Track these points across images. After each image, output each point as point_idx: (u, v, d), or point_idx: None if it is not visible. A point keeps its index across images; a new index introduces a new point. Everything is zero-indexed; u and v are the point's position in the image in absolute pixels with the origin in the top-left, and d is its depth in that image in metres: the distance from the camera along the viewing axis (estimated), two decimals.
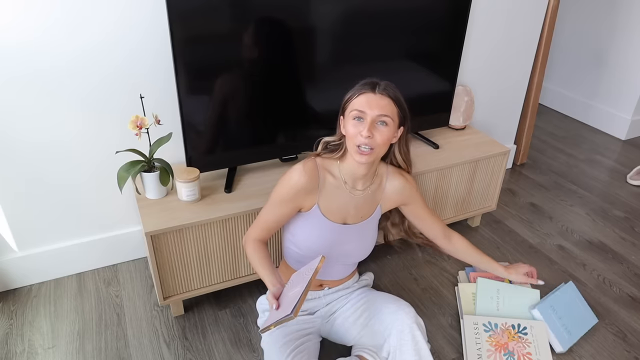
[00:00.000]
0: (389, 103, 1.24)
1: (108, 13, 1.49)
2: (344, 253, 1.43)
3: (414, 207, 1.48)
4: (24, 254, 1.74)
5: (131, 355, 1.53)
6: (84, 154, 1.67)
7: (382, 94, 1.24)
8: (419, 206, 1.49)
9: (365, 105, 1.23)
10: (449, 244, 1.56)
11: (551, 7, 2.31)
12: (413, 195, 1.46)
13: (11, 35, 1.42)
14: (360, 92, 1.25)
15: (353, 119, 1.25)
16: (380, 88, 1.25)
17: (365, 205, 1.40)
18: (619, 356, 1.58)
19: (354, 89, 1.28)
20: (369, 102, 1.23)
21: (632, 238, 2.16)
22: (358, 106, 1.23)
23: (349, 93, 1.28)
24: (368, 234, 1.45)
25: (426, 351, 1.29)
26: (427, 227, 1.54)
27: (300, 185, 1.30)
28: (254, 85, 1.59)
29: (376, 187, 1.40)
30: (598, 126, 3.24)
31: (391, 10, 1.69)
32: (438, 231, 1.54)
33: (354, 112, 1.24)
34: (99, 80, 1.57)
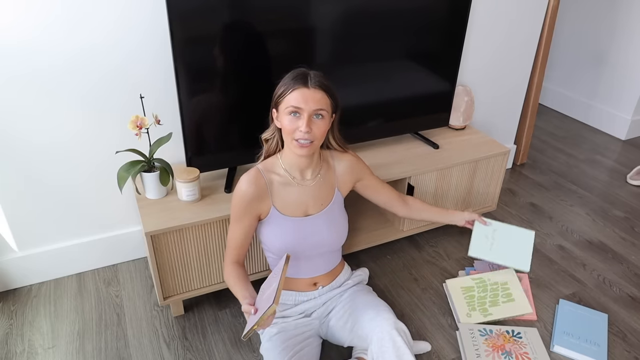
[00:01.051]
0: (323, 96, 1.26)
1: (108, 13, 1.49)
2: (318, 243, 1.42)
3: (367, 181, 1.52)
4: (24, 254, 1.74)
5: (131, 355, 1.53)
6: (83, 153, 1.67)
7: (315, 88, 1.25)
8: (371, 178, 1.53)
9: (301, 101, 1.24)
10: (406, 207, 1.61)
11: (551, 7, 2.31)
12: (363, 169, 1.50)
13: (12, 35, 1.42)
14: (294, 87, 1.25)
15: (289, 115, 1.26)
16: (313, 81, 1.25)
17: (321, 193, 1.42)
18: (619, 356, 1.58)
19: (285, 82, 1.27)
20: (305, 97, 1.24)
21: (632, 238, 2.16)
22: (293, 102, 1.24)
23: (281, 87, 1.28)
24: (336, 219, 1.45)
25: (409, 356, 1.26)
26: (383, 197, 1.58)
27: (249, 195, 1.33)
28: (254, 85, 1.59)
29: (325, 172, 1.42)
30: (598, 126, 3.24)
31: (391, 10, 1.68)
32: (394, 197, 1.59)
33: (290, 108, 1.25)
34: (98, 79, 1.57)
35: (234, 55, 1.51)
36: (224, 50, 1.49)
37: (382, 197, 1.58)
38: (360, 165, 1.50)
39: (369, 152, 1.92)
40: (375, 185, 1.55)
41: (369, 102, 1.83)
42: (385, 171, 1.79)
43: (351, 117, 1.82)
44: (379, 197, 1.58)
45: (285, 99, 1.27)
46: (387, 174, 1.77)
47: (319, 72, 1.29)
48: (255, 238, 1.58)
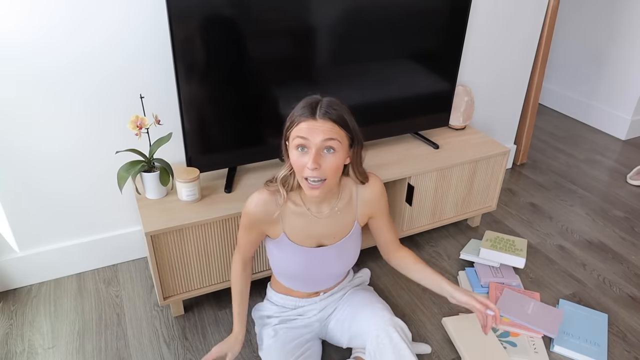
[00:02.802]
0: (332, 127, 1.10)
1: (111, 14, 1.49)
2: (326, 272, 1.37)
3: (378, 220, 1.38)
4: (24, 254, 1.74)
5: (131, 355, 1.53)
6: (83, 154, 1.67)
7: (324, 119, 1.10)
8: (383, 217, 1.37)
9: (307, 132, 1.09)
10: (397, 257, 1.42)
11: (551, 7, 2.31)
12: (380, 208, 1.35)
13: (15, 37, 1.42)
14: (300, 119, 1.11)
15: (296, 149, 1.12)
16: (321, 112, 1.10)
17: (338, 226, 1.30)
18: (619, 356, 1.58)
19: (292, 113, 1.14)
20: (310, 129, 1.09)
21: (632, 238, 2.16)
22: (300, 134, 1.10)
23: (289, 119, 1.15)
24: (349, 250, 1.36)
25: (407, 351, 1.23)
26: (383, 238, 1.42)
27: (256, 217, 1.26)
28: (254, 85, 1.59)
29: (345, 204, 1.29)
30: (598, 126, 3.24)
31: (391, 10, 1.69)
32: (392, 241, 1.41)
33: (297, 141, 1.11)
34: (100, 81, 1.57)
35: (234, 55, 1.51)
36: (224, 50, 1.49)
37: (382, 238, 1.42)
38: (379, 203, 1.34)
39: (369, 152, 1.92)
40: (382, 226, 1.39)
41: (369, 102, 1.83)
42: (385, 171, 1.79)
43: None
44: (379, 236, 1.42)
45: (292, 131, 1.13)
46: (387, 174, 1.77)
47: (333, 100, 1.14)
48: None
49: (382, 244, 1.43)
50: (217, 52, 1.49)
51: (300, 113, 1.12)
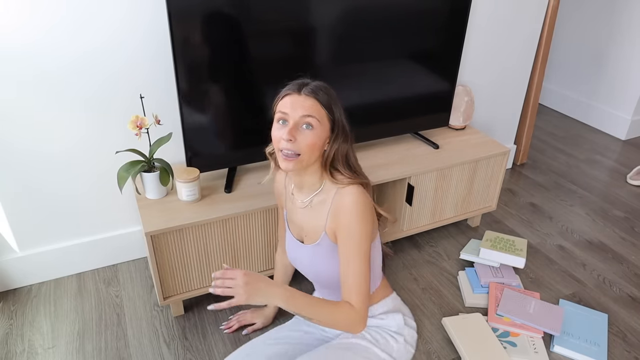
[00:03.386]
0: (314, 104, 1.10)
1: (110, 15, 1.49)
2: (309, 273, 1.31)
3: (339, 243, 1.15)
4: (24, 254, 1.74)
5: (131, 355, 1.53)
6: (84, 154, 1.67)
7: (308, 95, 1.10)
8: (342, 246, 1.14)
9: (289, 106, 1.10)
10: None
11: (551, 7, 2.31)
12: (343, 227, 1.12)
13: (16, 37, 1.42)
14: (286, 93, 1.12)
15: (277, 122, 1.12)
16: (307, 89, 1.11)
17: (310, 224, 1.23)
18: (619, 356, 1.58)
19: (281, 90, 1.15)
20: (292, 103, 1.10)
21: (632, 238, 2.16)
22: (281, 108, 1.11)
23: (277, 96, 1.15)
24: (318, 263, 1.23)
25: None
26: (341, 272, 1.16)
27: (275, 190, 1.38)
28: (254, 84, 1.59)
29: (320, 202, 1.19)
30: (598, 126, 3.24)
31: (391, 10, 1.69)
32: (342, 285, 1.15)
33: (278, 115, 1.12)
34: (101, 80, 1.57)
35: (234, 55, 1.51)
36: (224, 50, 1.49)
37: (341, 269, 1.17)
38: (345, 220, 1.11)
39: (369, 152, 1.92)
40: (340, 254, 1.15)
41: (369, 102, 1.83)
42: (385, 171, 1.79)
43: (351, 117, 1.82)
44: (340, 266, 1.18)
45: (277, 106, 1.14)
46: (387, 174, 1.77)
47: (322, 84, 1.14)
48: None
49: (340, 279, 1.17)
50: (217, 52, 1.49)
51: (286, 88, 1.13)
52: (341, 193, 1.14)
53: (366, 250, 1.12)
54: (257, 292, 1.03)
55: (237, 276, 1.03)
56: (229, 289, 1.02)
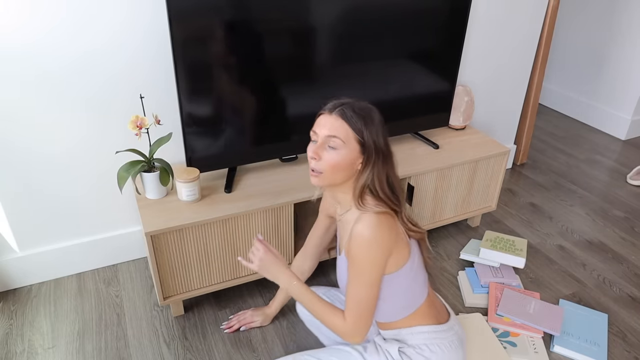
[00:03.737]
0: (342, 125, 1.10)
1: (111, 16, 1.49)
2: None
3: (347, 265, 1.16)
4: (24, 254, 1.74)
5: (131, 355, 1.53)
6: (84, 154, 1.67)
7: (337, 116, 1.10)
8: (349, 265, 1.15)
9: (317, 125, 1.13)
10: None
11: (551, 7, 2.31)
12: (350, 251, 1.12)
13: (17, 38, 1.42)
14: (321, 112, 1.15)
15: (311, 140, 1.16)
16: (339, 110, 1.11)
17: (341, 237, 1.25)
18: (619, 356, 1.58)
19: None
20: (322, 122, 1.12)
21: (632, 238, 2.16)
22: (315, 126, 1.14)
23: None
24: (340, 272, 1.26)
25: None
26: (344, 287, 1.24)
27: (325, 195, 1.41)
28: (254, 85, 1.59)
29: (347, 222, 1.20)
30: (598, 126, 3.24)
31: (391, 10, 1.69)
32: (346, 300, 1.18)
33: (311, 132, 1.15)
34: (102, 80, 1.57)
35: (234, 55, 1.51)
36: (223, 50, 1.49)
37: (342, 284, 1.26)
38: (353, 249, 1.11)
39: None
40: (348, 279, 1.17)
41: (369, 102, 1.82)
42: None
43: None
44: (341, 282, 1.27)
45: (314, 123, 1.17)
46: None
47: (361, 104, 1.14)
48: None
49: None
50: (217, 52, 1.49)
51: (324, 107, 1.15)
52: (360, 219, 1.12)
53: (368, 279, 1.12)
54: (267, 268, 1.23)
55: (260, 250, 1.23)
56: (252, 255, 1.24)
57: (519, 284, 1.82)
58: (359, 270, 1.12)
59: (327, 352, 1.28)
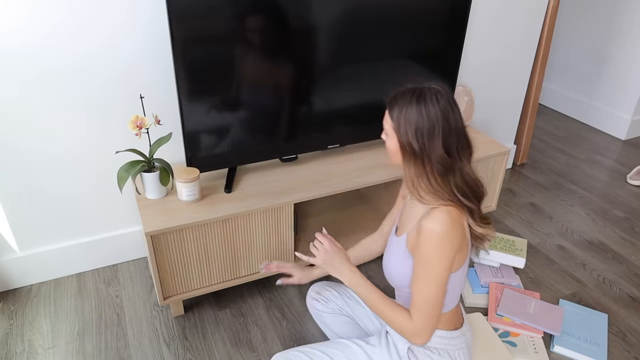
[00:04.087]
0: (387, 116, 1.12)
1: (111, 16, 1.49)
2: (383, 266, 1.29)
3: (413, 262, 1.13)
4: (24, 254, 1.74)
5: (131, 355, 1.53)
6: (84, 154, 1.67)
7: (388, 105, 1.11)
8: (415, 262, 1.12)
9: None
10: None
11: (551, 7, 2.31)
12: (419, 249, 1.09)
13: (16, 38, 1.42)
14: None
15: None
16: (389, 99, 1.11)
17: (405, 219, 1.21)
18: (619, 356, 1.58)
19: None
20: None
21: (632, 238, 2.16)
22: None
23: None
24: (391, 253, 1.24)
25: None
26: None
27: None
28: (254, 85, 1.59)
29: (416, 208, 1.16)
30: (598, 126, 3.24)
31: (391, 10, 1.68)
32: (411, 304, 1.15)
33: None
34: (102, 81, 1.57)
35: (233, 54, 1.51)
36: (223, 49, 1.49)
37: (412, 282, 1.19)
38: (420, 247, 1.08)
39: (369, 153, 1.92)
40: (413, 270, 1.14)
41: (369, 102, 1.83)
42: (386, 171, 1.79)
43: (351, 117, 1.83)
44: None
45: None
46: (387, 175, 1.78)
47: (421, 94, 1.06)
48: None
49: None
50: (217, 51, 1.49)
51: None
52: (429, 214, 1.08)
53: (437, 277, 1.08)
54: (331, 262, 1.22)
55: (324, 243, 1.23)
56: (316, 249, 1.24)
57: (519, 284, 1.82)
58: (428, 268, 1.08)
59: (330, 346, 1.28)
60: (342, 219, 1.99)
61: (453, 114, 1.08)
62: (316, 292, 1.52)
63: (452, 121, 1.08)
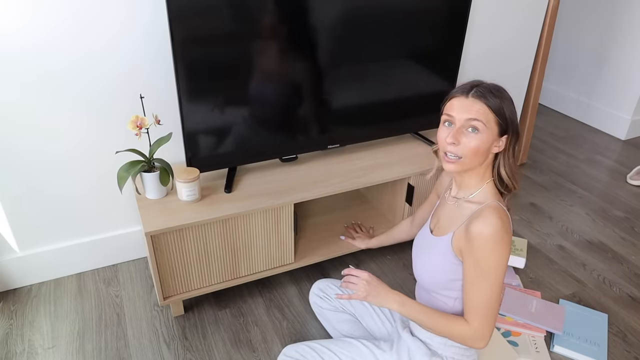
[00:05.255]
0: (482, 107, 1.07)
1: (112, 16, 1.49)
2: (414, 260, 1.28)
3: (464, 265, 1.12)
4: (24, 254, 1.74)
5: (131, 355, 1.53)
6: (84, 154, 1.67)
7: (475, 98, 1.08)
8: (466, 275, 1.11)
9: (455, 108, 1.10)
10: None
11: (551, 7, 2.31)
12: (473, 252, 1.08)
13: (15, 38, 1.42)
14: (453, 95, 1.13)
15: (443, 124, 1.13)
16: (476, 91, 1.09)
17: (447, 220, 1.20)
18: (619, 356, 1.58)
19: (450, 92, 1.15)
20: (459, 105, 1.10)
21: (632, 238, 2.16)
22: (448, 110, 1.12)
23: (445, 98, 1.16)
24: (426, 254, 1.22)
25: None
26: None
27: (442, 176, 1.41)
28: (254, 85, 1.59)
29: (464, 208, 1.15)
30: (598, 126, 3.24)
31: (391, 10, 1.68)
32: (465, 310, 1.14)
33: (444, 117, 1.13)
34: (103, 81, 1.57)
35: (233, 54, 1.51)
36: (223, 49, 1.49)
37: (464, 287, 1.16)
38: (475, 248, 1.07)
39: (369, 152, 1.92)
40: (464, 274, 1.12)
41: (369, 102, 1.83)
42: (386, 171, 1.79)
43: (351, 117, 1.83)
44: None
45: (444, 107, 1.14)
46: (387, 174, 1.77)
47: (495, 85, 1.11)
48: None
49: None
50: (217, 51, 1.49)
51: (455, 90, 1.13)
52: (480, 215, 1.08)
53: (494, 279, 1.07)
54: (376, 293, 1.19)
55: (362, 275, 1.21)
56: (352, 284, 1.21)
57: (519, 283, 1.82)
58: (483, 271, 1.07)
59: (338, 345, 1.29)
60: (342, 219, 1.99)
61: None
62: (319, 289, 1.52)
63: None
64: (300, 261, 1.76)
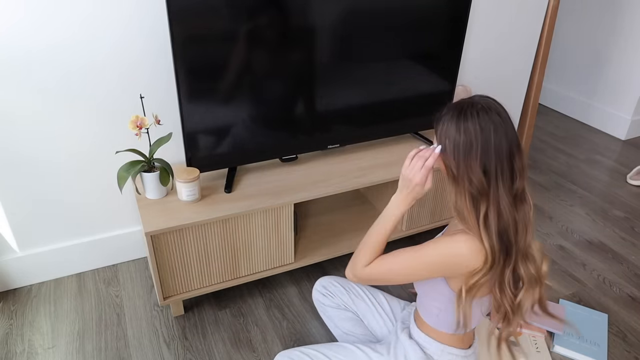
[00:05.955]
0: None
1: (112, 16, 1.49)
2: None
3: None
4: (24, 254, 1.74)
5: (131, 355, 1.53)
6: (84, 155, 1.67)
7: (434, 121, 1.09)
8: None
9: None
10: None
11: (551, 7, 2.31)
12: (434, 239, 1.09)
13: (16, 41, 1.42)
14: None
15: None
16: (437, 115, 1.09)
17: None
18: (619, 356, 1.58)
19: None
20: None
21: (632, 238, 2.16)
22: None
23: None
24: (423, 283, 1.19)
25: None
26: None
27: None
28: (254, 85, 1.59)
29: (452, 225, 1.16)
30: (598, 126, 3.24)
31: (391, 10, 1.68)
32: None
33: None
34: (103, 81, 1.57)
35: (234, 54, 1.51)
36: (224, 50, 1.49)
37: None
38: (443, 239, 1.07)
39: (369, 152, 1.92)
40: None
41: (369, 102, 1.83)
42: (385, 171, 1.79)
43: (351, 117, 1.83)
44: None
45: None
46: (387, 174, 1.77)
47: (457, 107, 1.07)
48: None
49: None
50: (217, 51, 1.49)
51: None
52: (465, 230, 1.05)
53: (411, 260, 1.08)
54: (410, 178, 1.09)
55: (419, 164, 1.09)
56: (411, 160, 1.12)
57: None
58: (420, 249, 1.07)
59: (332, 349, 1.28)
60: (342, 219, 1.99)
61: (496, 132, 1.02)
62: (322, 287, 1.52)
63: (494, 140, 1.01)
64: (300, 261, 1.76)
